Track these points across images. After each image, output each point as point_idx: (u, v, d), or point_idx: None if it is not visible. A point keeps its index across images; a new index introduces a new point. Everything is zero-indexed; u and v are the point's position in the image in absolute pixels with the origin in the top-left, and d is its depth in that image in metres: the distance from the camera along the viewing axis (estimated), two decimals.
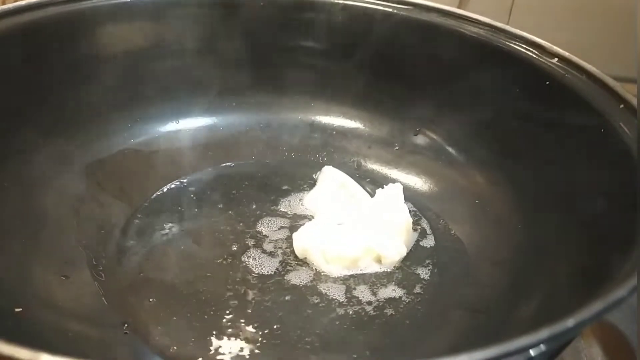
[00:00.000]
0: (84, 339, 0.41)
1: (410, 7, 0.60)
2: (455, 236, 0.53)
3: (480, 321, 0.44)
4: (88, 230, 0.50)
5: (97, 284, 0.46)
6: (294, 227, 0.52)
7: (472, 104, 0.56)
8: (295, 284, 0.47)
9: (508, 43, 0.54)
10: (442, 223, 0.54)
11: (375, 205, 0.52)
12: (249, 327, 0.43)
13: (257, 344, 0.42)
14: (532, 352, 0.26)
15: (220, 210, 0.54)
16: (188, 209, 0.54)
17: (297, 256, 0.50)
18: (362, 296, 0.46)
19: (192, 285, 0.46)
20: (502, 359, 0.25)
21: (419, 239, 0.52)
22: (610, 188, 0.43)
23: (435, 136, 0.60)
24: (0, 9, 0.50)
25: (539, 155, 0.51)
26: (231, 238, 0.51)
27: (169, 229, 0.52)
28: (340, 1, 0.61)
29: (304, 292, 0.47)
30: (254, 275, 0.48)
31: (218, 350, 0.41)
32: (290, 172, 0.59)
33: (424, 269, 0.49)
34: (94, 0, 0.56)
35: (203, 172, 0.58)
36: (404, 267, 0.49)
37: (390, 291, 0.47)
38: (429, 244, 0.52)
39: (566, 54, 0.50)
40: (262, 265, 0.49)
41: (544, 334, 0.26)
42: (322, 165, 0.59)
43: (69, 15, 0.54)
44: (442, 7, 0.58)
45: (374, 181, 0.59)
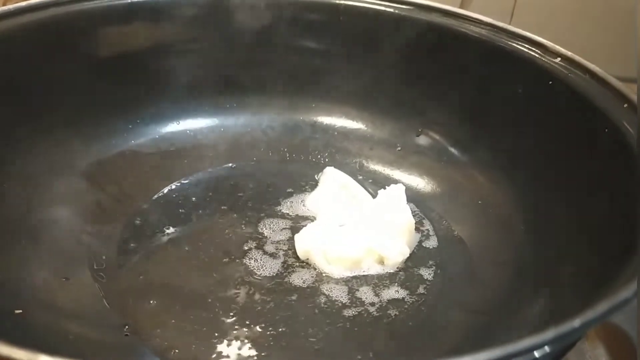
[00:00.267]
0: (84, 341, 0.40)
1: (411, 7, 0.59)
2: (458, 237, 0.52)
3: (484, 322, 0.44)
4: (88, 232, 0.50)
5: (98, 286, 0.45)
6: (295, 229, 0.52)
7: (474, 105, 0.56)
8: (298, 286, 0.47)
9: (510, 43, 0.54)
10: (445, 224, 0.54)
11: (377, 206, 0.52)
12: (252, 330, 0.43)
13: (260, 346, 0.42)
14: (537, 354, 0.25)
15: (221, 212, 0.54)
16: (189, 211, 0.54)
17: (299, 257, 0.49)
18: (365, 297, 0.46)
19: (194, 288, 0.46)
20: None
21: (422, 239, 0.52)
22: (614, 188, 0.43)
23: (437, 137, 0.59)
24: (0, 9, 0.50)
25: (541, 156, 0.50)
26: (232, 240, 0.51)
27: (170, 230, 0.51)
28: (342, 1, 0.60)
29: (306, 294, 0.46)
30: (256, 277, 0.47)
31: (221, 354, 0.41)
32: (291, 173, 0.59)
33: (426, 270, 0.49)
34: (95, 1, 0.55)
35: (204, 174, 0.58)
36: (407, 268, 0.49)
37: (393, 292, 0.47)
38: (432, 244, 0.52)
39: (569, 53, 0.50)
40: (264, 267, 0.48)
41: (549, 334, 0.26)
42: (324, 166, 0.59)
43: (69, 16, 0.54)
44: (444, 7, 0.58)
45: (376, 182, 0.58)
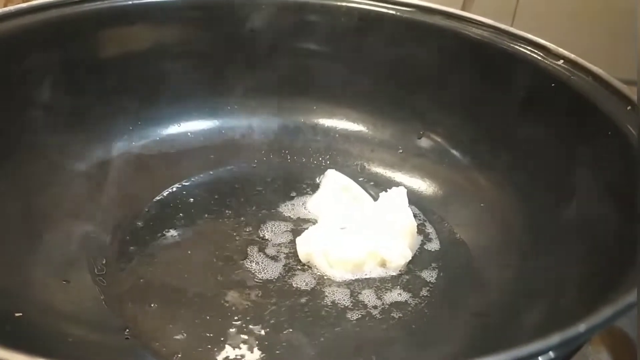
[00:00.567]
0: (84, 345, 0.40)
1: (413, 10, 0.59)
2: (460, 240, 0.52)
3: (487, 326, 0.43)
4: (88, 234, 0.49)
5: (98, 289, 0.45)
6: (297, 231, 0.52)
7: (477, 107, 0.56)
8: (300, 289, 0.47)
9: (513, 45, 0.53)
10: (447, 227, 0.54)
11: (379, 209, 0.52)
12: (254, 333, 0.43)
13: (262, 349, 0.42)
14: (541, 359, 0.25)
15: (222, 214, 0.54)
16: (189, 213, 0.53)
17: (301, 260, 0.49)
18: (368, 300, 0.46)
19: (194, 291, 0.46)
20: None
21: (424, 242, 0.52)
22: (618, 191, 0.42)
23: (439, 139, 0.59)
24: (1, 11, 0.50)
25: (544, 158, 0.50)
26: (233, 242, 0.51)
27: (170, 233, 0.51)
28: (344, 3, 0.60)
29: (308, 297, 0.46)
30: (258, 280, 0.47)
31: (223, 357, 0.41)
32: (293, 176, 0.59)
33: (429, 273, 0.49)
34: (95, 3, 0.55)
35: (205, 176, 0.58)
36: (409, 271, 0.49)
37: (396, 295, 0.46)
38: (434, 247, 0.52)
39: (572, 55, 0.50)
40: (266, 270, 0.48)
41: (555, 339, 0.25)
42: (325, 168, 0.58)
43: (70, 18, 0.54)
44: (446, 9, 0.58)
45: (378, 184, 0.58)
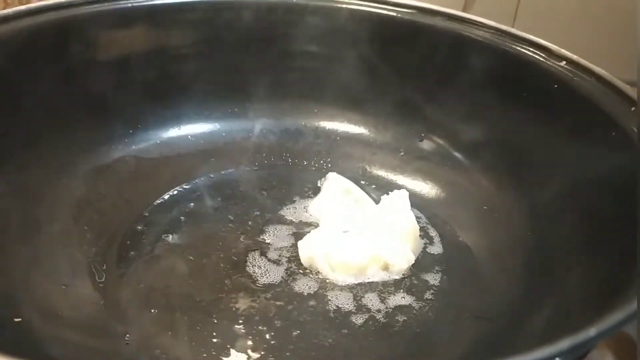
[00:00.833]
0: (84, 350, 0.40)
1: (414, 11, 0.59)
2: (463, 243, 0.52)
3: (491, 329, 0.43)
4: (88, 239, 0.49)
5: (98, 294, 0.45)
6: (298, 235, 0.51)
7: (479, 109, 0.56)
8: (302, 293, 0.46)
9: (515, 46, 0.53)
10: (450, 229, 0.53)
11: (381, 212, 0.51)
12: (256, 338, 0.42)
13: (266, 354, 0.41)
14: None
15: (223, 218, 0.53)
16: (190, 217, 0.53)
17: (302, 264, 0.49)
18: (372, 304, 0.45)
19: (195, 295, 0.45)
20: None
21: (426, 245, 0.52)
22: (623, 193, 0.42)
23: (441, 141, 0.59)
24: (0, 13, 0.50)
25: (548, 160, 0.50)
26: (234, 246, 0.50)
27: (171, 237, 0.51)
28: (344, 6, 0.60)
29: (311, 301, 0.45)
30: (259, 284, 0.47)
31: None
32: (294, 179, 0.58)
33: (432, 277, 0.48)
34: (94, 6, 0.55)
35: (205, 179, 0.58)
36: (412, 275, 0.48)
37: (400, 298, 0.46)
38: (437, 250, 0.51)
39: (574, 56, 0.50)
40: (268, 274, 0.47)
41: (565, 344, 0.25)
42: (327, 171, 0.58)
43: (68, 20, 0.54)
44: (447, 11, 0.58)
45: (380, 187, 0.58)
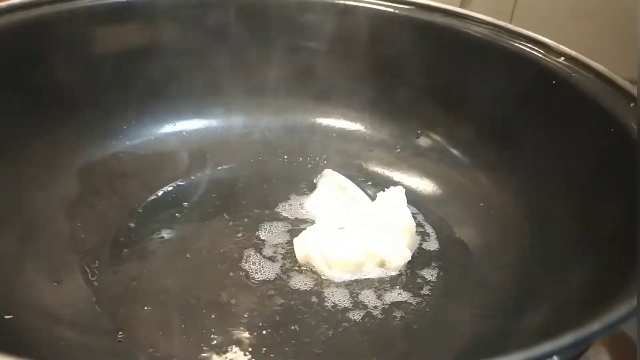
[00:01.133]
0: (76, 347, 0.39)
1: (412, 7, 0.59)
2: (459, 239, 0.51)
3: (489, 325, 0.43)
4: (81, 235, 0.48)
5: (90, 290, 0.44)
6: (294, 232, 0.51)
7: (476, 105, 0.55)
8: (298, 290, 0.46)
9: (513, 43, 0.53)
10: (446, 226, 0.53)
11: (377, 209, 0.51)
12: (251, 335, 0.42)
13: (262, 352, 0.41)
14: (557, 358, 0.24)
15: (217, 215, 0.53)
16: (184, 214, 0.52)
17: (298, 261, 0.48)
18: (368, 301, 0.45)
19: (189, 293, 0.45)
20: None
21: (423, 242, 0.51)
22: (621, 190, 0.42)
23: (438, 138, 0.59)
24: None
25: (545, 157, 0.49)
26: (229, 243, 0.49)
27: (165, 234, 0.50)
28: (341, 1, 0.60)
29: (307, 298, 0.45)
30: (255, 281, 0.46)
31: None
32: (290, 176, 0.58)
33: (429, 272, 0.48)
34: (89, 0, 0.54)
35: (200, 176, 0.57)
36: (408, 271, 0.48)
37: (396, 295, 0.46)
38: (433, 247, 0.51)
39: (573, 52, 0.49)
40: (263, 271, 0.47)
41: (568, 339, 0.24)
42: (323, 168, 0.58)
43: (62, 15, 0.53)
44: (445, 7, 0.58)
45: (376, 184, 0.57)
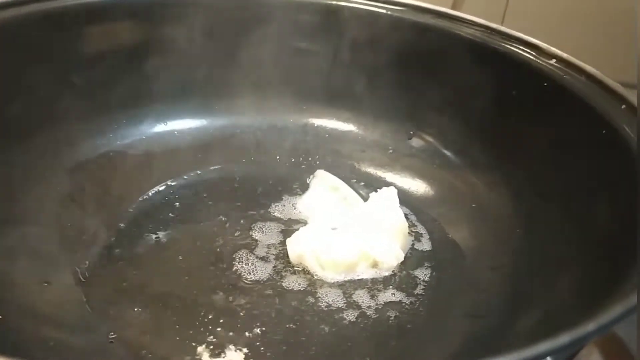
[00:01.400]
0: (66, 349, 0.39)
1: (404, 9, 0.59)
2: (452, 240, 0.52)
3: (483, 326, 0.43)
4: (71, 235, 0.48)
5: (81, 291, 0.44)
6: (287, 232, 0.51)
7: (468, 106, 0.55)
8: (291, 290, 0.45)
9: (505, 44, 0.53)
10: (439, 227, 0.53)
11: (370, 209, 0.51)
12: (244, 336, 0.41)
13: (254, 353, 0.40)
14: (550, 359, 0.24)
15: (210, 215, 0.52)
16: (176, 214, 0.52)
17: (291, 261, 0.48)
18: (362, 301, 0.45)
19: (182, 293, 0.44)
20: None
21: (415, 243, 0.51)
22: (612, 191, 0.42)
23: (430, 139, 0.59)
24: None
25: (538, 158, 0.50)
26: (222, 244, 0.49)
27: (157, 234, 0.50)
28: (334, 2, 0.59)
29: (300, 298, 0.45)
30: (247, 281, 0.46)
31: None
32: (282, 176, 0.58)
33: (421, 273, 0.48)
34: None
35: (192, 176, 0.57)
36: (400, 272, 0.48)
37: (390, 295, 0.46)
38: (425, 247, 0.51)
39: (564, 54, 0.50)
40: (255, 271, 0.47)
41: (564, 339, 0.24)
42: (315, 168, 0.58)
43: (53, 12, 0.53)
44: (437, 9, 0.58)
45: (369, 185, 0.57)
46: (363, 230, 0.49)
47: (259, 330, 0.42)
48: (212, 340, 0.41)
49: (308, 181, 0.57)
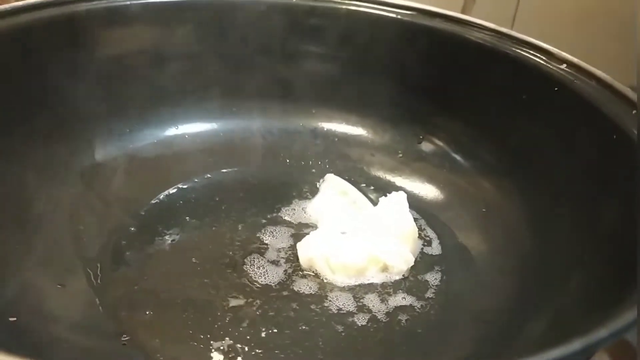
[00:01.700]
0: (79, 350, 0.39)
1: (414, 13, 0.59)
2: (462, 244, 0.52)
3: (493, 330, 0.43)
4: (84, 238, 0.48)
5: (94, 293, 0.44)
6: (297, 236, 0.51)
7: (479, 111, 0.56)
8: (302, 294, 0.46)
9: (515, 49, 0.53)
10: (448, 231, 0.53)
11: (379, 214, 0.51)
12: (256, 339, 0.42)
13: (267, 355, 0.41)
14: None
15: (220, 219, 0.52)
16: (187, 217, 0.52)
17: (301, 265, 0.48)
18: (372, 305, 0.45)
19: (192, 297, 0.45)
20: None
21: (425, 247, 0.51)
22: (623, 196, 0.42)
23: (440, 143, 0.59)
24: None
25: (548, 162, 0.50)
26: (232, 247, 0.49)
27: (168, 237, 0.50)
28: (344, 7, 0.60)
29: (311, 302, 0.45)
30: (258, 285, 0.46)
31: None
32: (292, 180, 0.58)
33: (431, 278, 0.48)
34: (92, 2, 0.54)
35: (202, 179, 0.57)
36: (411, 276, 0.48)
37: (400, 299, 0.46)
38: (435, 252, 0.51)
39: (575, 59, 0.50)
40: (266, 275, 0.47)
41: (576, 345, 0.24)
42: (325, 172, 0.58)
43: (66, 17, 0.53)
44: (447, 13, 0.58)
45: (378, 189, 0.57)
46: (373, 235, 0.49)
47: (272, 333, 0.42)
48: (225, 344, 0.41)
49: (318, 185, 0.57)
